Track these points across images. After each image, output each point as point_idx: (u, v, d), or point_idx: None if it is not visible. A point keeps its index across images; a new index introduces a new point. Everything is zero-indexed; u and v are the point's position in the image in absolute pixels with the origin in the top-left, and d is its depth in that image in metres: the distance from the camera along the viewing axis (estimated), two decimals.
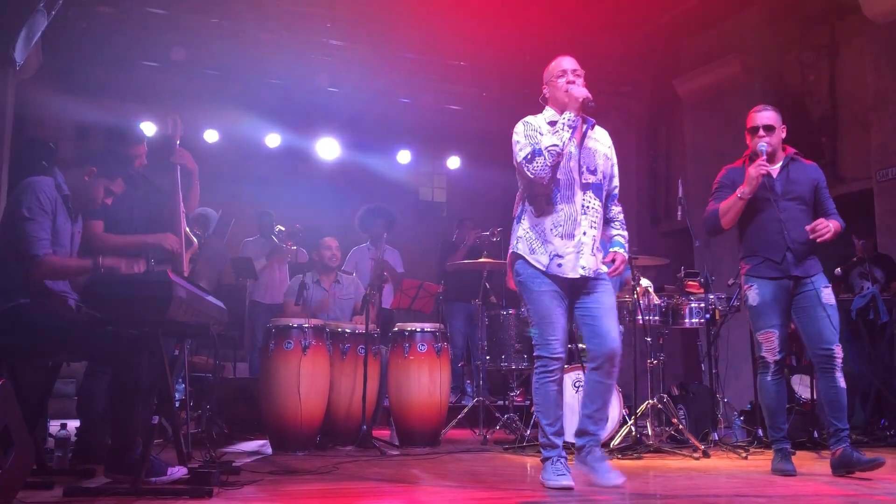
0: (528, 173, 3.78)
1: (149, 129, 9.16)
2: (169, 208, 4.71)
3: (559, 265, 3.78)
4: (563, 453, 3.78)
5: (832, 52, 8.29)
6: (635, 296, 5.63)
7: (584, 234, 3.80)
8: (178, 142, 4.79)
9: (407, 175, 11.93)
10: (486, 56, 9.24)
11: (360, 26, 8.63)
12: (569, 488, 3.61)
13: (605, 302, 3.85)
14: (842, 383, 4.30)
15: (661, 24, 9.09)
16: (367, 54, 9.15)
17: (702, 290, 5.87)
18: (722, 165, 4.80)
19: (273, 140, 10.55)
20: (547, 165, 3.74)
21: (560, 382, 3.82)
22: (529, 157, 3.77)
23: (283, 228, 8.35)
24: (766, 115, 4.57)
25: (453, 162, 11.84)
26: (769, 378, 4.39)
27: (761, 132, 4.52)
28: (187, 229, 4.76)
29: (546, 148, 3.74)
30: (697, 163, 9.23)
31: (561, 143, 3.75)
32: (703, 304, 5.83)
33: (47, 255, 3.67)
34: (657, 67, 9.81)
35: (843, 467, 4.22)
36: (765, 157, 4.42)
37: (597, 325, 3.82)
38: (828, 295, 4.38)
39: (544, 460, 3.79)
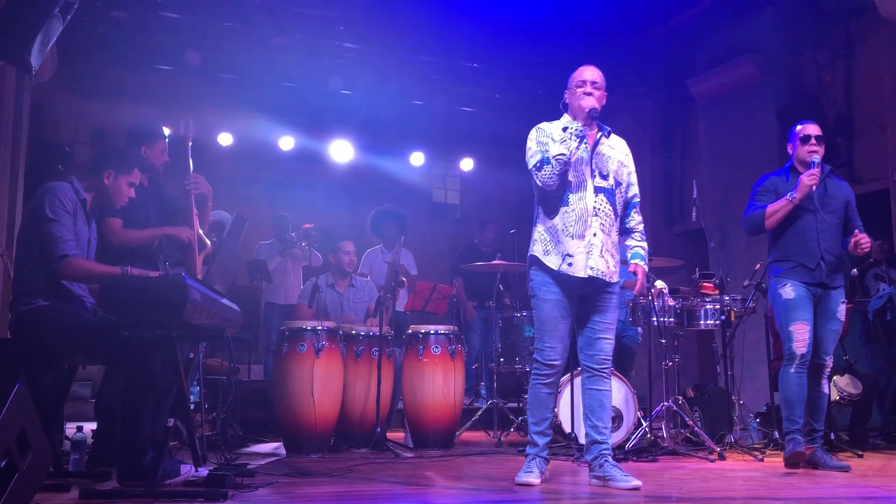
0: (538, 181, 3.94)
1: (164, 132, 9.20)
2: (183, 213, 4.73)
3: (570, 264, 3.90)
4: (544, 453, 3.99)
5: (848, 52, 8.22)
6: (650, 297, 5.62)
7: (595, 235, 3.92)
8: (190, 144, 4.81)
9: (420, 177, 11.91)
10: (500, 58, 9.23)
11: (374, 29, 8.63)
12: (529, 485, 3.82)
13: (608, 317, 4.01)
14: (826, 389, 4.72)
15: (675, 25, 9.05)
16: (380, 57, 9.15)
17: (717, 292, 5.84)
18: (737, 166, 4.85)
19: (287, 143, 10.55)
20: (554, 174, 3.88)
21: (553, 386, 4.01)
22: (538, 165, 3.92)
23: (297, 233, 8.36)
24: (817, 127, 4.77)
25: (467, 164, 11.82)
26: (793, 370, 4.58)
27: (813, 141, 4.71)
28: (201, 231, 4.78)
29: (554, 157, 3.87)
30: (712, 163, 9.16)
31: (568, 153, 3.87)
32: (718, 306, 5.80)
33: (76, 256, 3.70)
34: (671, 68, 9.76)
35: (810, 465, 4.58)
36: (818, 169, 4.60)
37: (596, 339, 4.00)
38: (842, 311, 4.69)
39: (526, 456, 4.01)
